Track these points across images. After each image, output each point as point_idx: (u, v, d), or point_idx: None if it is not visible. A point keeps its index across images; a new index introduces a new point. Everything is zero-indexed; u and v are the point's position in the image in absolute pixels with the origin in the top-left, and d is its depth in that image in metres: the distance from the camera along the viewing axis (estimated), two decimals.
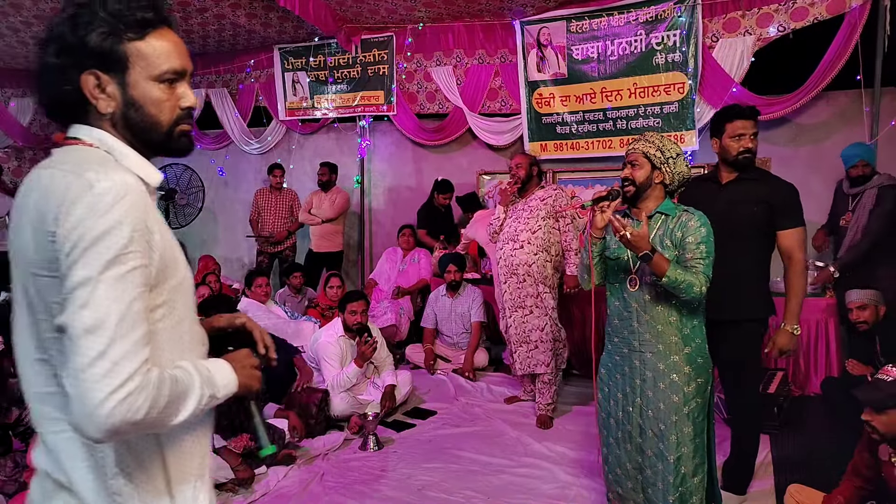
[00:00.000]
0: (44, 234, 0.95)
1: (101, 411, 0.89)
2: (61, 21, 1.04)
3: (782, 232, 2.78)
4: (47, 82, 1.05)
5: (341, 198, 6.45)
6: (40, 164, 1.06)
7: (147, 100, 1.08)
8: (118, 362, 0.90)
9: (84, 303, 0.91)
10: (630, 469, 2.49)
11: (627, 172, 2.44)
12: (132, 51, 1.05)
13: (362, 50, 6.57)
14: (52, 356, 1.01)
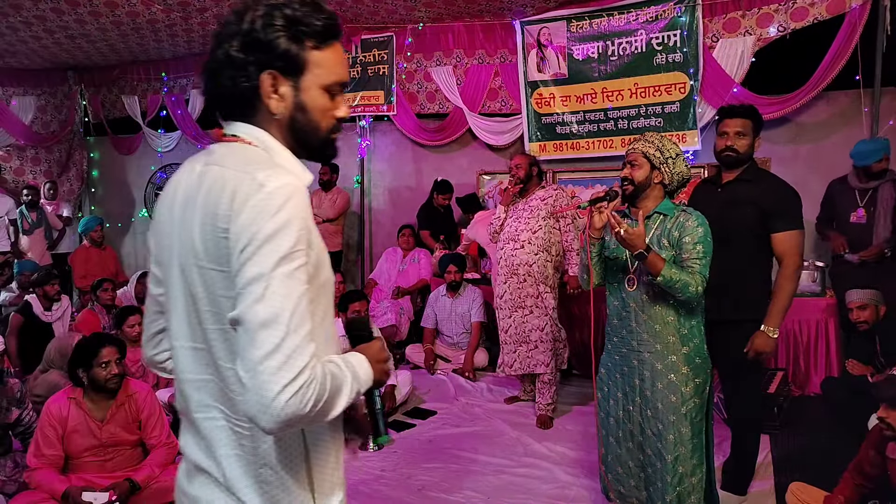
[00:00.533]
0: (214, 230, 0.99)
1: (276, 403, 0.91)
2: (251, 17, 1.05)
3: (775, 235, 2.75)
4: (226, 74, 1.07)
5: (342, 198, 6.45)
6: (200, 160, 1.11)
7: (314, 105, 1.11)
8: (291, 356, 0.93)
9: (258, 298, 0.94)
10: (632, 467, 2.49)
11: (627, 172, 2.44)
12: (311, 58, 1.09)
13: (362, 50, 6.56)
14: (210, 346, 1.05)
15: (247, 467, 1.06)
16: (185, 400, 1.12)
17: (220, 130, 1.13)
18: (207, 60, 1.10)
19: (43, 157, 7.86)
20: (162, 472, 2.94)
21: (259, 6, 1.06)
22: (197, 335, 1.07)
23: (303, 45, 1.07)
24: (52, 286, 5.08)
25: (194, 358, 1.08)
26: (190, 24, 6.06)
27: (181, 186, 1.11)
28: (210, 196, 1.02)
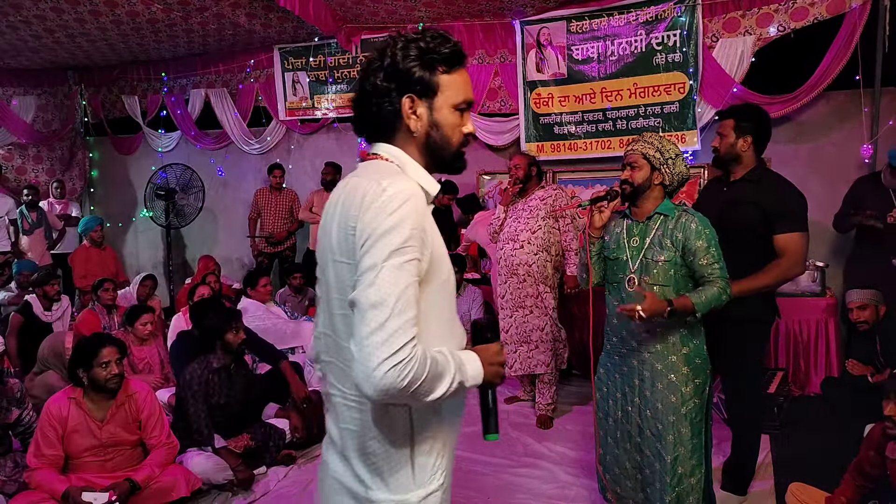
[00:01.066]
0: (346, 228, 1.18)
1: (376, 373, 1.05)
2: (391, 52, 1.25)
3: (776, 236, 2.73)
4: (374, 102, 1.26)
5: None
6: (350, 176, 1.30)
7: (446, 123, 1.28)
8: (393, 334, 1.06)
9: (370, 283, 1.09)
10: (629, 468, 2.49)
11: (626, 174, 2.44)
12: (442, 81, 1.26)
13: (362, 50, 6.56)
14: (335, 330, 1.22)
15: (357, 439, 1.21)
16: (324, 378, 1.31)
17: (364, 151, 1.35)
18: (356, 94, 1.31)
19: (45, 155, 7.86)
20: (162, 472, 2.95)
21: (397, 42, 1.26)
22: (327, 322, 1.25)
23: (434, 70, 1.25)
24: (52, 286, 5.08)
25: (326, 343, 1.27)
26: (190, 23, 6.05)
27: (333, 197, 1.30)
28: (346, 202, 1.20)
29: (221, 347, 3.42)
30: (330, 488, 1.27)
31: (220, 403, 3.38)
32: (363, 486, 1.21)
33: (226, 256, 7.48)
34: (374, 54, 1.28)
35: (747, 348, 2.84)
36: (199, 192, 7.13)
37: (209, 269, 5.95)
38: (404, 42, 1.25)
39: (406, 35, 1.26)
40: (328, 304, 1.24)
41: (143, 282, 5.52)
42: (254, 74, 7.19)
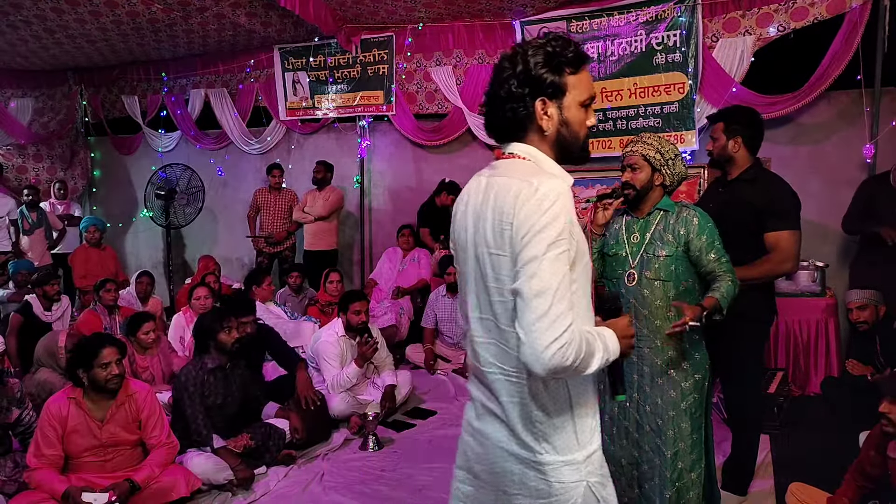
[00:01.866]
0: (501, 224, 1.30)
1: (545, 354, 1.20)
2: (523, 59, 1.36)
3: (767, 234, 2.74)
4: (509, 107, 1.37)
5: (334, 196, 6.43)
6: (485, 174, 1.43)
7: (574, 120, 1.39)
8: (556, 319, 1.21)
9: (533, 274, 1.22)
10: (625, 465, 2.49)
11: (628, 176, 2.44)
12: (570, 82, 1.37)
13: (362, 50, 6.56)
14: (495, 315, 1.34)
15: (522, 410, 1.35)
16: (475, 356, 1.43)
17: (500, 151, 1.44)
18: (489, 100, 1.42)
19: (45, 154, 7.86)
20: (162, 472, 2.94)
21: (526, 49, 1.37)
22: (484, 307, 1.37)
23: (563, 73, 1.36)
24: (52, 286, 5.08)
25: (482, 325, 1.39)
26: (190, 23, 6.05)
27: (471, 193, 1.44)
28: (498, 199, 1.32)
29: (215, 348, 3.42)
30: (495, 455, 1.40)
31: (217, 404, 3.38)
32: (531, 452, 1.34)
33: (226, 256, 7.48)
34: (504, 62, 1.39)
35: (746, 348, 2.84)
36: (199, 192, 7.13)
37: (209, 269, 5.95)
38: (533, 49, 1.36)
39: (532, 42, 1.38)
40: (485, 292, 1.36)
41: (139, 278, 5.52)
42: (254, 74, 7.19)
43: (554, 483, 1.33)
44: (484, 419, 1.44)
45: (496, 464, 1.40)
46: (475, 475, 1.47)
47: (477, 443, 1.46)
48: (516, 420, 1.36)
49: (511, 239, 1.28)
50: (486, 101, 1.43)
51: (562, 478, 1.33)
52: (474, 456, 1.46)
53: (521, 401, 1.35)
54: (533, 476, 1.35)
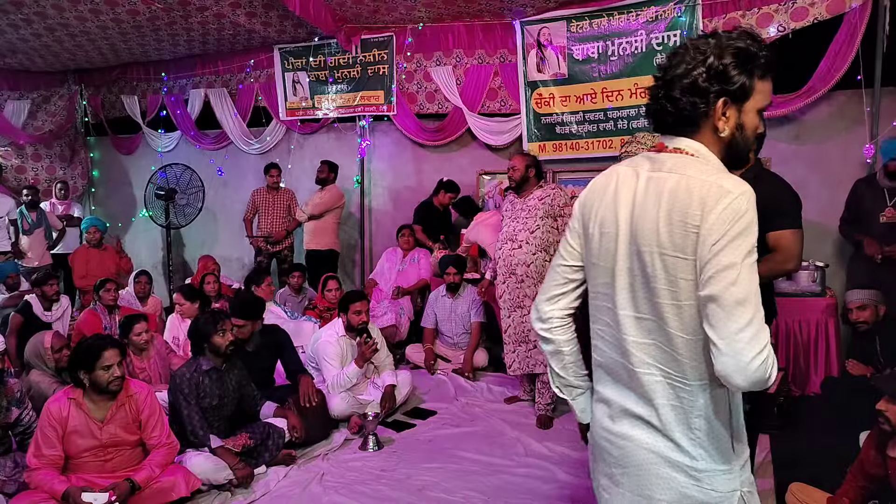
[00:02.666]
0: (684, 226, 1.23)
1: (750, 366, 1.15)
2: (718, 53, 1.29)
3: (769, 233, 2.72)
4: (687, 100, 1.31)
5: (327, 194, 6.39)
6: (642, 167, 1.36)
7: (750, 126, 1.33)
8: (759, 331, 1.17)
9: (733, 282, 1.17)
10: None
11: None
12: (756, 86, 1.31)
13: (362, 50, 6.56)
14: (662, 317, 1.28)
15: (682, 416, 1.30)
16: (624, 356, 1.35)
17: (662, 143, 1.37)
18: (664, 85, 1.36)
19: (43, 153, 7.86)
20: (162, 472, 2.94)
21: (721, 41, 1.30)
22: (644, 307, 1.31)
23: (752, 76, 1.30)
24: (51, 286, 5.07)
25: (637, 325, 1.32)
26: (190, 23, 6.06)
27: (621, 184, 1.37)
28: (677, 200, 1.25)
29: (210, 350, 3.42)
30: (640, 459, 1.34)
31: (213, 405, 3.38)
32: (688, 457, 1.30)
33: (226, 256, 7.48)
34: (694, 53, 1.32)
35: None
36: (199, 192, 7.14)
37: (208, 269, 5.95)
38: (728, 43, 1.29)
39: (728, 35, 1.30)
40: (648, 292, 1.30)
41: (138, 278, 5.52)
42: (253, 74, 7.19)
43: (709, 491, 1.29)
44: (622, 422, 1.38)
45: (640, 467, 1.35)
46: (614, 480, 1.41)
47: (615, 446, 1.40)
48: (673, 424, 1.31)
49: (696, 243, 1.21)
50: (661, 84, 1.37)
51: (718, 486, 1.30)
52: (612, 460, 1.41)
53: (681, 405, 1.30)
54: (685, 482, 1.31)
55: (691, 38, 1.36)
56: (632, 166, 1.39)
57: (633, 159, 1.42)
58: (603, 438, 1.43)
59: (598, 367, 1.45)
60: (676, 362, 1.29)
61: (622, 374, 1.38)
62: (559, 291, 1.53)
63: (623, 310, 1.35)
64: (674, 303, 1.26)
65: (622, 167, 1.42)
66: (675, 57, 1.36)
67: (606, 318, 1.40)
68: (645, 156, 1.39)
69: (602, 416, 1.44)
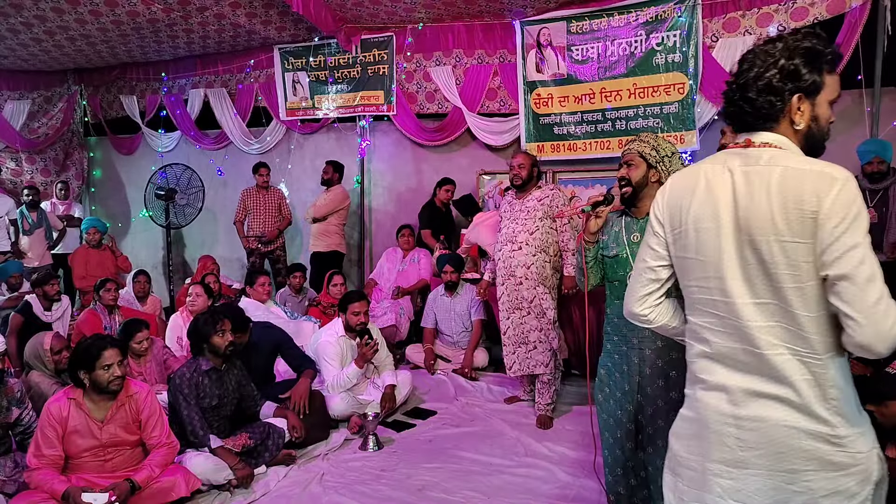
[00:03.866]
0: (801, 213, 1.32)
1: (890, 334, 1.28)
2: (788, 54, 1.41)
3: None
4: (766, 99, 1.43)
5: (332, 195, 6.40)
6: (733, 162, 1.43)
7: (823, 117, 1.47)
8: (890, 302, 1.29)
9: (861, 261, 1.28)
10: (633, 466, 2.49)
11: (623, 172, 2.46)
12: (826, 81, 1.43)
13: (362, 50, 6.57)
14: (785, 300, 1.36)
15: (817, 389, 1.37)
16: (747, 341, 1.41)
17: (749, 140, 1.46)
18: (740, 87, 1.46)
19: (38, 158, 7.86)
20: (162, 472, 2.95)
21: (789, 43, 1.42)
22: (762, 293, 1.38)
23: (821, 72, 1.42)
24: (52, 286, 5.08)
25: (759, 310, 1.39)
26: (190, 23, 6.06)
27: (718, 183, 1.44)
28: (789, 188, 1.34)
29: (209, 350, 3.42)
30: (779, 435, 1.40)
31: (213, 405, 3.38)
32: (828, 426, 1.37)
33: (226, 256, 7.48)
34: (764, 57, 1.44)
35: None
36: (199, 192, 7.14)
37: (208, 270, 5.95)
38: (795, 43, 1.42)
39: (793, 36, 1.43)
40: (766, 278, 1.38)
41: (137, 278, 5.52)
42: (253, 75, 7.19)
43: (854, 454, 1.37)
44: (750, 404, 1.42)
45: (782, 443, 1.40)
46: (743, 464, 1.44)
47: (743, 429, 1.43)
48: (812, 398, 1.37)
49: (815, 227, 1.31)
50: (735, 88, 1.47)
51: (859, 447, 1.38)
52: (740, 444, 1.44)
53: (814, 379, 1.37)
54: (828, 450, 1.37)
55: (758, 44, 1.47)
56: (719, 163, 1.47)
57: (716, 157, 1.50)
58: (723, 423, 1.46)
59: (706, 358, 1.50)
60: (804, 339, 1.36)
61: (745, 360, 1.43)
62: (646, 292, 1.63)
63: (740, 298, 1.41)
64: (797, 285, 1.35)
65: (706, 165, 1.50)
66: (744, 62, 1.46)
67: (714, 309, 1.46)
68: (731, 152, 1.47)
69: (718, 402, 1.47)
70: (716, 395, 1.48)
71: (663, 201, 1.56)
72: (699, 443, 1.50)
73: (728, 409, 1.45)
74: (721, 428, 1.46)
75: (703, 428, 1.49)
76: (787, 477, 1.40)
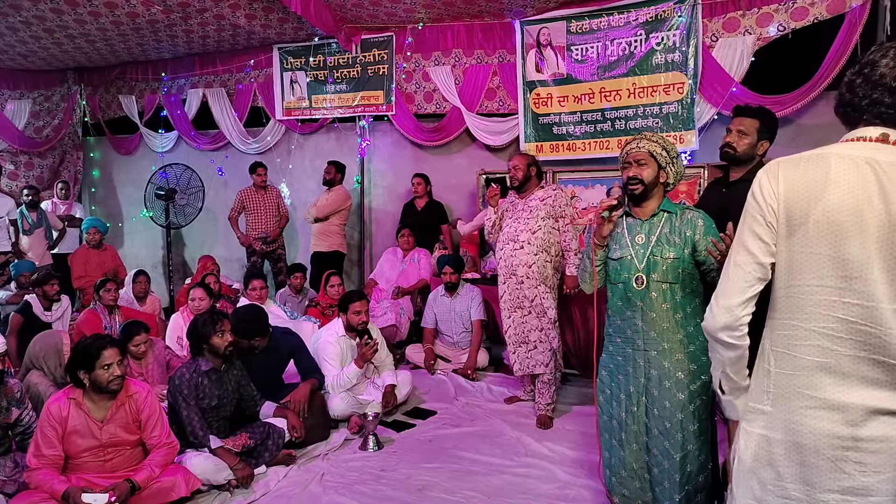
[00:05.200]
0: None
1: None
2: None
3: None
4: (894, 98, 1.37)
5: (333, 195, 6.39)
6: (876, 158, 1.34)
7: None
8: None
9: None
10: (637, 469, 2.48)
11: (635, 171, 2.43)
12: None
13: (362, 50, 6.57)
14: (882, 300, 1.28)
15: None
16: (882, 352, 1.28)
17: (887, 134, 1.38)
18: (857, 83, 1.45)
19: (36, 163, 7.86)
20: (162, 472, 2.94)
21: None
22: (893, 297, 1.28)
23: None
24: (52, 286, 5.08)
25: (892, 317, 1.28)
26: (189, 24, 6.06)
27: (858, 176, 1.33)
28: None
29: (209, 351, 3.42)
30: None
31: (213, 405, 3.38)
32: None
33: (226, 256, 7.48)
34: (883, 53, 1.39)
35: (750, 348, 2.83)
36: (199, 192, 7.14)
37: (208, 270, 5.95)
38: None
39: None
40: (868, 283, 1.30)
41: (137, 278, 5.52)
42: (252, 74, 7.19)
43: None
44: (873, 424, 1.30)
45: None
46: (865, 491, 1.30)
47: (867, 452, 1.30)
48: None
49: None
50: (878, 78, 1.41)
51: None
52: (862, 469, 1.30)
53: None
54: None
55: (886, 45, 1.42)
56: (851, 155, 1.37)
57: (843, 148, 1.40)
58: (839, 448, 1.31)
59: (816, 370, 1.35)
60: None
61: (871, 373, 1.30)
62: (752, 293, 1.44)
63: (882, 303, 1.29)
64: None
65: (832, 155, 1.39)
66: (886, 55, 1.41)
67: (843, 313, 1.32)
68: (864, 146, 1.38)
69: (831, 424, 1.32)
70: (826, 414, 1.32)
71: (777, 188, 1.42)
72: (802, 470, 1.35)
73: (845, 432, 1.31)
74: (837, 453, 1.31)
75: (810, 454, 1.34)
76: None
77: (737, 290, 1.44)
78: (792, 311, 1.38)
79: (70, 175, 8.24)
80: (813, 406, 1.34)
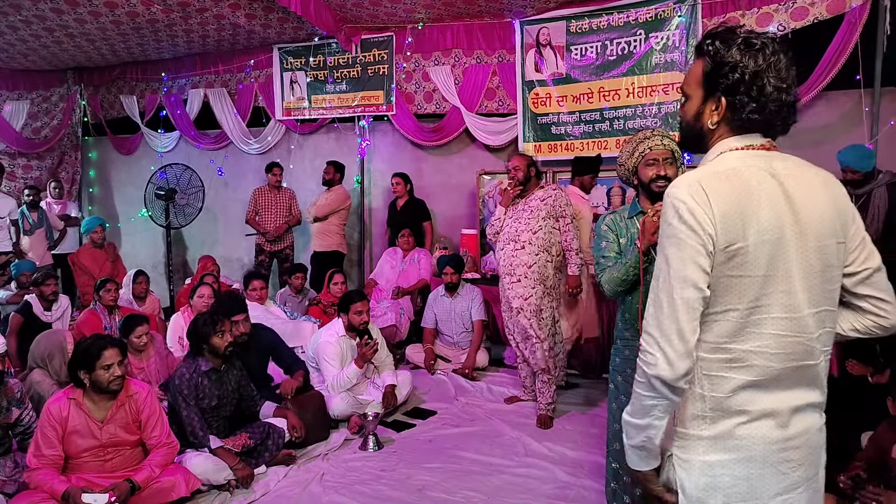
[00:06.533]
0: (845, 213, 1.37)
1: None
2: None
3: None
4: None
5: (332, 195, 6.39)
6: (782, 168, 1.40)
7: None
8: None
9: (873, 251, 1.39)
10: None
11: (662, 170, 2.37)
12: None
13: (362, 50, 6.57)
14: (832, 303, 1.40)
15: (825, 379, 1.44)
16: (805, 356, 1.37)
17: (771, 142, 1.45)
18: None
19: (35, 165, 7.85)
20: (162, 472, 2.95)
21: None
22: (818, 300, 1.35)
23: None
24: (48, 286, 5.07)
25: (816, 320, 1.36)
26: (190, 24, 6.06)
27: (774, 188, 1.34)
28: (833, 191, 1.39)
29: (209, 351, 3.42)
30: (816, 442, 1.43)
31: (213, 405, 3.38)
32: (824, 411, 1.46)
33: (226, 256, 7.48)
34: None
35: None
36: (199, 192, 7.14)
37: (208, 270, 5.94)
38: None
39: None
40: (824, 282, 1.36)
41: (137, 279, 5.51)
42: (253, 74, 7.19)
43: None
44: (796, 421, 1.38)
45: (816, 448, 1.42)
46: (795, 486, 1.36)
47: (794, 450, 1.35)
48: (824, 389, 1.44)
49: (848, 226, 1.37)
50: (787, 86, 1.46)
51: None
52: (793, 467, 1.35)
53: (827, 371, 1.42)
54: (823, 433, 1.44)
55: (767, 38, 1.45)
56: (758, 167, 1.36)
57: (746, 160, 1.37)
58: (776, 452, 1.34)
59: (749, 388, 1.32)
60: (831, 336, 1.43)
61: (794, 376, 1.37)
62: (696, 328, 1.30)
63: (804, 310, 1.33)
64: (838, 286, 1.39)
65: (744, 170, 1.33)
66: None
67: (774, 328, 1.31)
68: (756, 155, 1.39)
69: (768, 431, 1.34)
70: (762, 424, 1.34)
71: (710, 214, 1.26)
72: (750, 484, 1.33)
73: (778, 435, 1.34)
74: (778, 456, 1.34)
75: (756, 465, 1.33)
76: (816, 482, 1.39)
77: (691, 331, 1.29)
78: (723, 334, 1.31)
79: (67, 176, 8.23)
80: (750, 419, 1.33)
